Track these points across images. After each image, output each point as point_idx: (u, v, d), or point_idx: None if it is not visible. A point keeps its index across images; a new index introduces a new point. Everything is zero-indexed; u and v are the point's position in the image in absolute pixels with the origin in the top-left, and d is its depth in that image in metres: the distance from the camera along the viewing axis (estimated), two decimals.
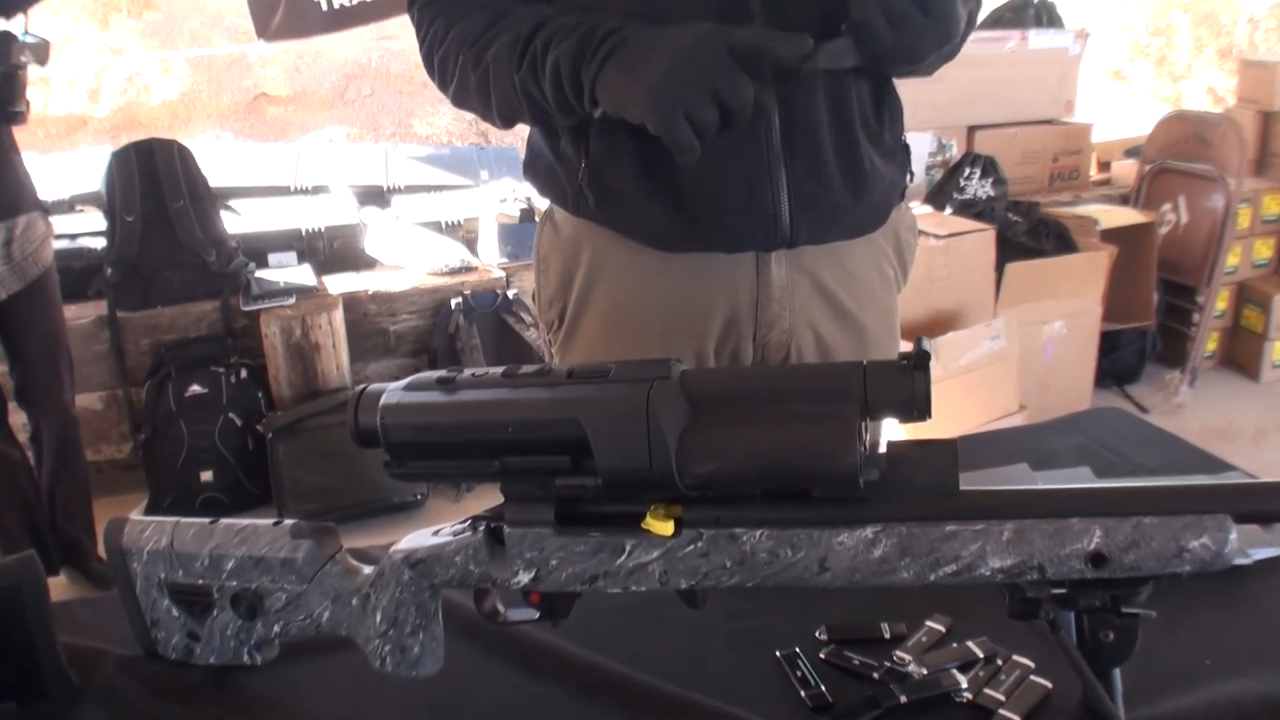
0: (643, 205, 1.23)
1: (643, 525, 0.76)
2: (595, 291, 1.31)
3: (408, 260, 3.85)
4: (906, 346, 0.77)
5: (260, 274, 3.64)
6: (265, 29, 4.35)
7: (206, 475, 3.39)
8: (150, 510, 3.38)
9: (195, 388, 3.39)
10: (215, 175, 3.77)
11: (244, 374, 3.45)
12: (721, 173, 1.20)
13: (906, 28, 1.06)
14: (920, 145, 4.10)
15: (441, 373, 0.81)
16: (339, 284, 3.71)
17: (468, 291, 3.71)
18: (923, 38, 1.09)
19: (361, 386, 0.83)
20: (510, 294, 3.74)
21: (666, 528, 0.76)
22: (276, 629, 0.94)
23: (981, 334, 3.21)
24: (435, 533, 0.87)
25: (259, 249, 3.79)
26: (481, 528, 0.83)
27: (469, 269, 3.82)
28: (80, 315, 3.43)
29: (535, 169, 1.34)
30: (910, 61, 1.14)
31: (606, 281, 1.30)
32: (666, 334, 1.28)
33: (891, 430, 0.75)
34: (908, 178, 1.36)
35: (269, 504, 3.40)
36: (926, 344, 0.69)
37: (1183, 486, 0.71)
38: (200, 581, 0.95)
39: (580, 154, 1.23)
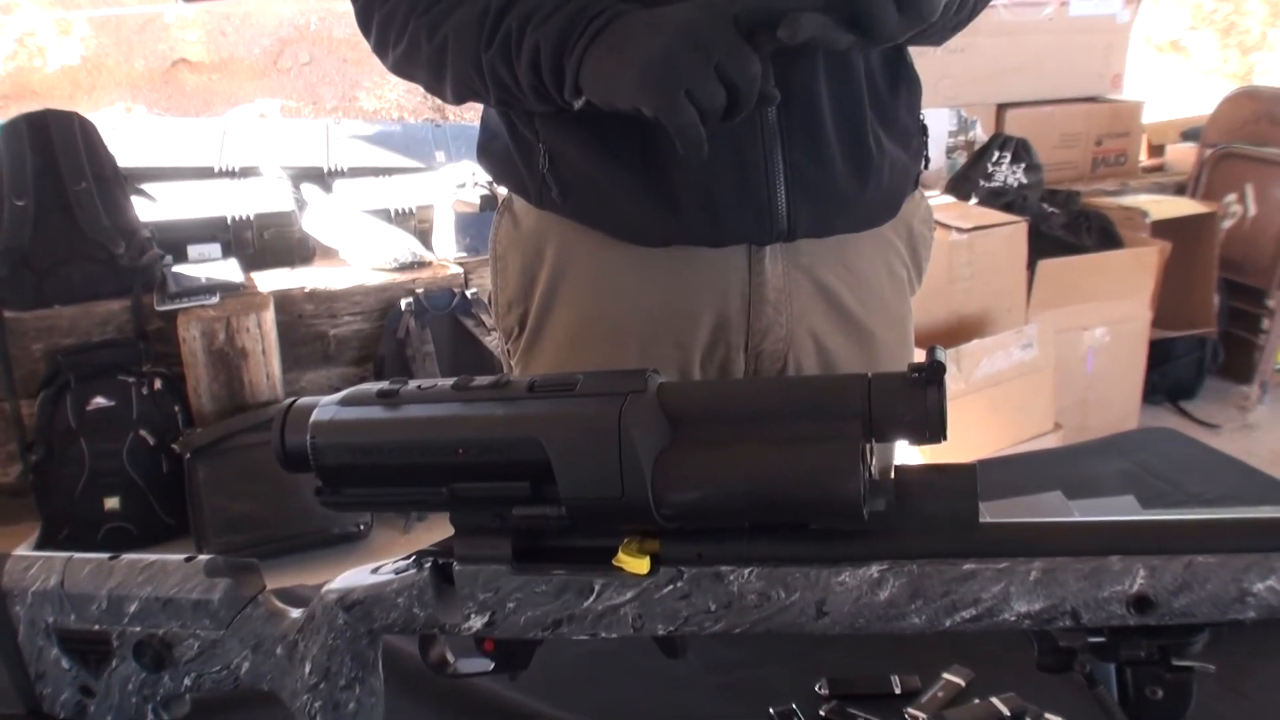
0: (614, 192, 1.23)
1: (614, 562, 0.76)
2: (561, 294, 1.31)
3: (351, 254, 3.84)
4: (922, 357, 0.77)
5: (178, 269, 3.62)
6: None
7: (111, 502, 3.37)
8: (42, 544, 3.35)
9: (99, 400, 3.37)
10: (125, 154, 3.75)
11: (158, 384, 3.43)
12: (710, 157, 1.19)
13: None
14: (940, 124, 4.12)
15: (383, 385, 0.81)
16: (270, 281, 3.71)
17: (420, 290, 3.70)
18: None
19: (290, 400, 0.83)
20: (469, 293, 3.73)
21: (641, 565, 0.76)
22: (187, 682, 0.93)
23: (1010, 342, 3.22)
24: (375, 570, 0.86)
25: (177, 240, 3.77)
26: (428, 564, 0.83)
27: (421, 264, 3.82)
28: None
29: (490, 152, 1.34)
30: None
31: (574, 283, 1.30)
32: (645, 344, 1.28)
33: (902, 453, 0.75)
34: (922, 163, 1.37)
35: (186, 536, 3.38)
36: (941, 353, 0.69)
37: (1245, 519, 0.70)
38: (97, 627, 0.94)
39: (536, 136, 1.23)
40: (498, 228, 1.37)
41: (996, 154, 3.95)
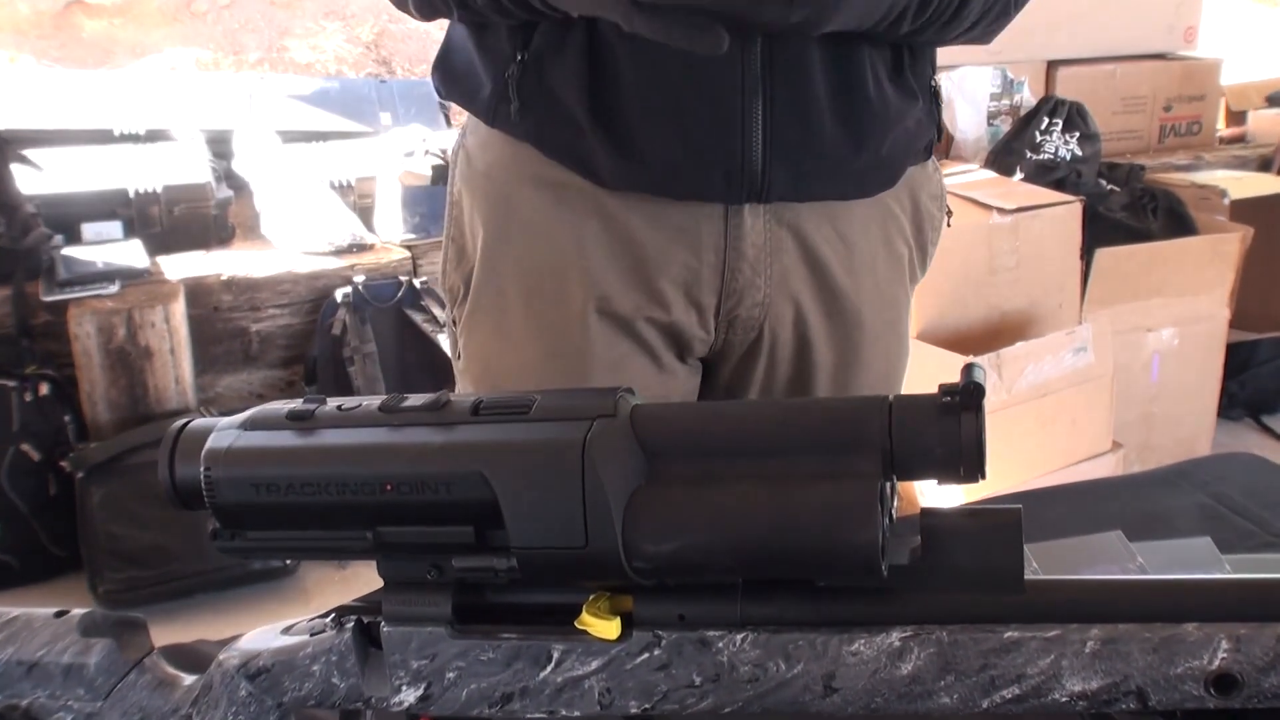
0: (579, 120, 1.24)
1: (577, 623, 0.74)
2: (511, 240, 1.32)
3: (276, 234, 3.82)
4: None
5: (69, 251, 3.60)
6: None
7: None
8: None
9: None
10: (6, 114, 3.73)
11: (44, 389, 3.41)
12: (679, 100, 1.21)
13: None
14: (979, 85, 4.11)
15: (294, 404, 0.79)
16: (181, 266, 3.70)
17: (359, 279, 3.70)
18: None
19: (182, 422, 0.81)
20: (418, 282, 3.73)
21: (611, 628, 0.74)
22: None
23: (1062, 344, 3.21)
24: (286, 630, 0.85)
25: (68, 217, 3.75)
26: (349, 625, 0.80)
27: (362, 247, 3.82)
28: None
29: (449, 66, 1.37)
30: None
31: (525, 226, 1.32)
32: (600, 302, 1.30)
33: (931, 491, 0.73)
34: (934, 131, 1.39)
35: (78, 571, 3.37)
36: (980, 373, 0.67)
37: None
38: None
39: (516, 46, 1.25)
40: (454, 165, 1.40)
41: (1046, 121, 3.95)
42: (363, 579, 0.93)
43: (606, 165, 1.26)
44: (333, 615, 0.82)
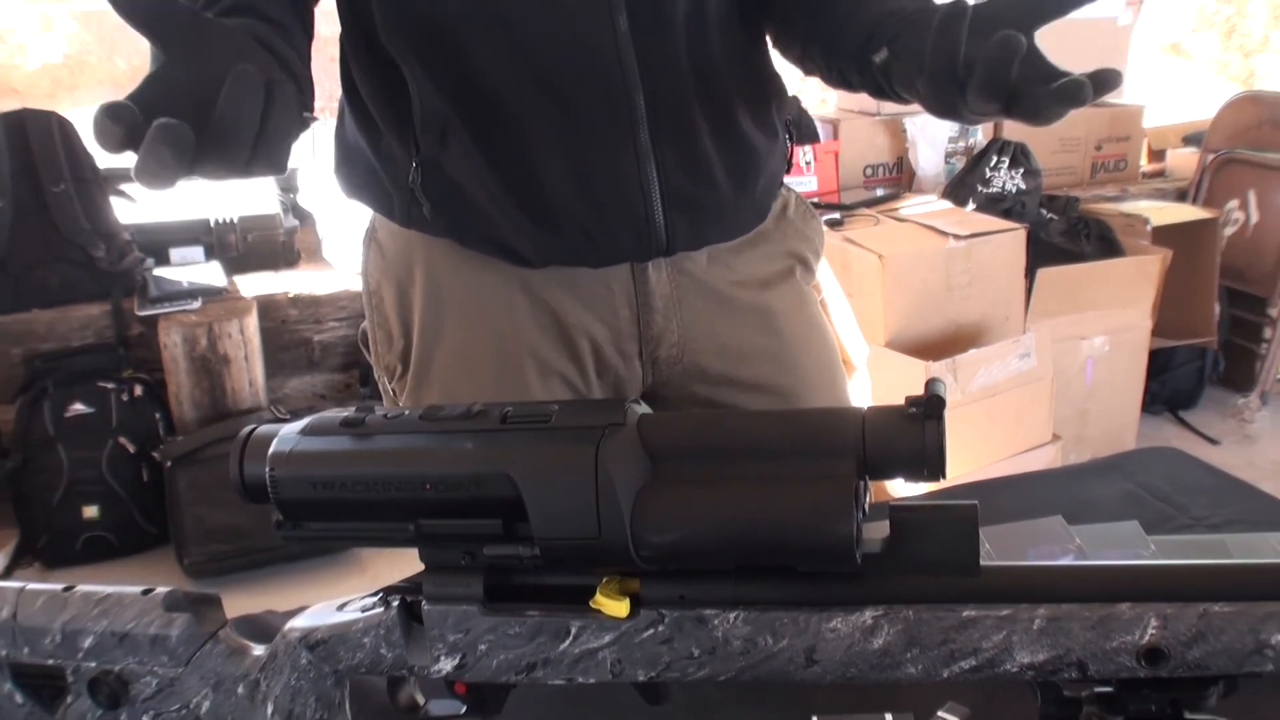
0: (491, 211, 1.20)
1: (592, 603, 0.73)
2: (446, 321, 1.28)
3: (335, 258, 3.81)
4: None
5: (160, 272, 3.59)
6: None
7: (90, 511, 3.34)
8: (19, 552, 3.35)
9: (78, 407, 3.33)
10: (105, 154, 3.71)
11: (138, 391, 3.40)
12: (582, 172, 1.18)
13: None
14: (939, 129, 4.10)
15: (348, 413, 0.77)
16: (254, 285, 3.68)
17: None
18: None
19: (250, 428, 0.80)
20: None
21: (621, 607, 0.72)
22: None
23: (1009, 351, 3.20)
24: (340, 607, 0.83)
25: (159, 243, 3.75)
26: (395, 603, 0.79)
27: None
28: None
29: (350, 171, 1.31)
30: None
31: (456, 309, 1.27)
32: (539, 362, 1.27)
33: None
34: (787, 164, 1.38)
35: (167, 545, 3.36)
36: (941, 387, 0.66)
37: (1262, 565, 0.67)
38: (51, 662, 0.91)
39: (410, 149, 1.20)
40: (366, 260, 1.34)
41: (995, 159, 3.93)
42: (408, 555, 0.93)
43: (526, 245, 1.22)
44: (381, 595, 0.81)
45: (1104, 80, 0.88)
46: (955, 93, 0.97)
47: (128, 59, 6.06)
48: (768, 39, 1.30)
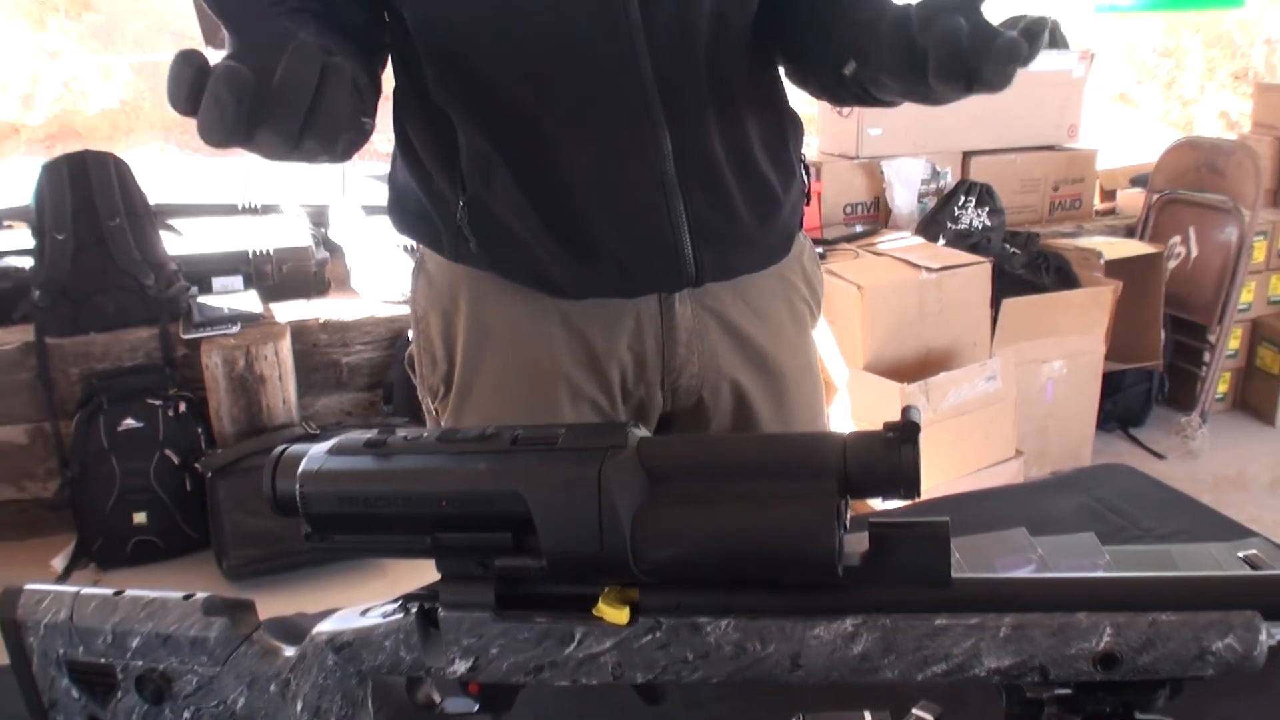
0: (532, 246, 1.19)
1: (594, 611, 0.72)
2: (487, 349, 1.27)
3: (362, 287, 3.80)
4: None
5: (203, 300, 3.59)
6: (213, 36, 4.29)
7: (139, 517, 3.32)
8: (77, 555, 3.33)
9: (129, 422, 3.33)
10: (156, 191, 3.72)
11: (183, 407, 3.39)
12: (615, 208, 1.17)
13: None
14: (912, 171, 4.10)
15: (371, 434, 0.77)
16: (287, 312, 3.67)
17: None
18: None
19: (281, 448, 0.79)
20: None
21: (621, 615, 0.72)
22: (187, 715, 0.89)
23: (976, 374, 3.19)
24: (363, 613, 0.83)
25: (202, 272, 3.73)
26: (414, 610, 0.79)
27: None
28: (4, 341, 3.38)
29: (403, 210, 1.30)
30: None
31: (498, 338, 1.26)
32: (571, 388, 1.25)
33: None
34: (805, 201, 1.36)
35: (207, 549, 3.34)
36: (916, 413, 0.65)
37: (1206, 577, 0.67)
38: (103, 660, 0.90)
39: (457, 190, 1.19)
40: (415, 290, 1.33)
41: (963, 198, 3.93)
42: (426, 563, 0.92)
43: (564, 277, 1.20)
44: (400, 602, 0.81)
45: (1033, 33, 0.91)
46: (919, 81, 0.98)
47: None
48: (781, 72, 1.29)
